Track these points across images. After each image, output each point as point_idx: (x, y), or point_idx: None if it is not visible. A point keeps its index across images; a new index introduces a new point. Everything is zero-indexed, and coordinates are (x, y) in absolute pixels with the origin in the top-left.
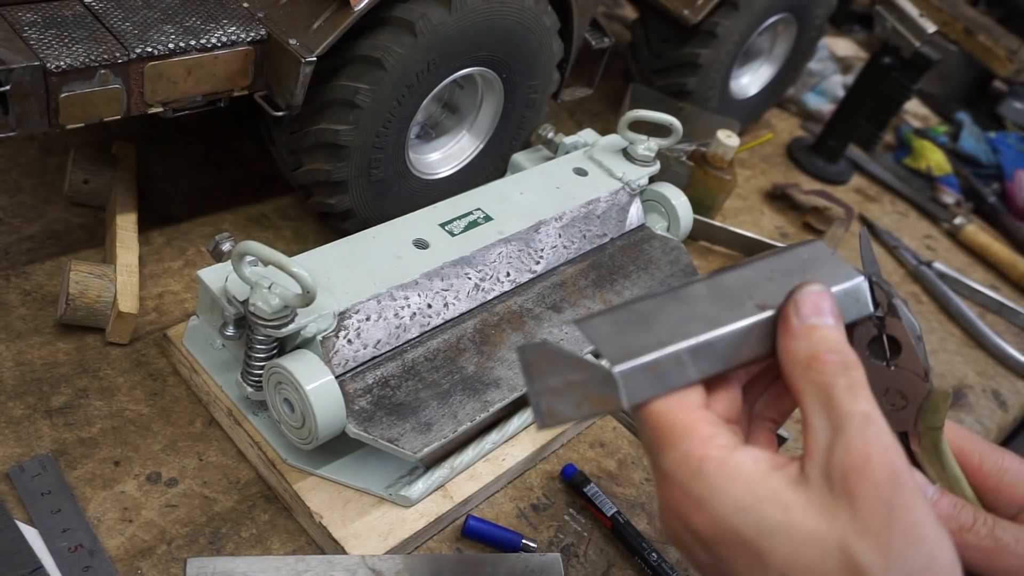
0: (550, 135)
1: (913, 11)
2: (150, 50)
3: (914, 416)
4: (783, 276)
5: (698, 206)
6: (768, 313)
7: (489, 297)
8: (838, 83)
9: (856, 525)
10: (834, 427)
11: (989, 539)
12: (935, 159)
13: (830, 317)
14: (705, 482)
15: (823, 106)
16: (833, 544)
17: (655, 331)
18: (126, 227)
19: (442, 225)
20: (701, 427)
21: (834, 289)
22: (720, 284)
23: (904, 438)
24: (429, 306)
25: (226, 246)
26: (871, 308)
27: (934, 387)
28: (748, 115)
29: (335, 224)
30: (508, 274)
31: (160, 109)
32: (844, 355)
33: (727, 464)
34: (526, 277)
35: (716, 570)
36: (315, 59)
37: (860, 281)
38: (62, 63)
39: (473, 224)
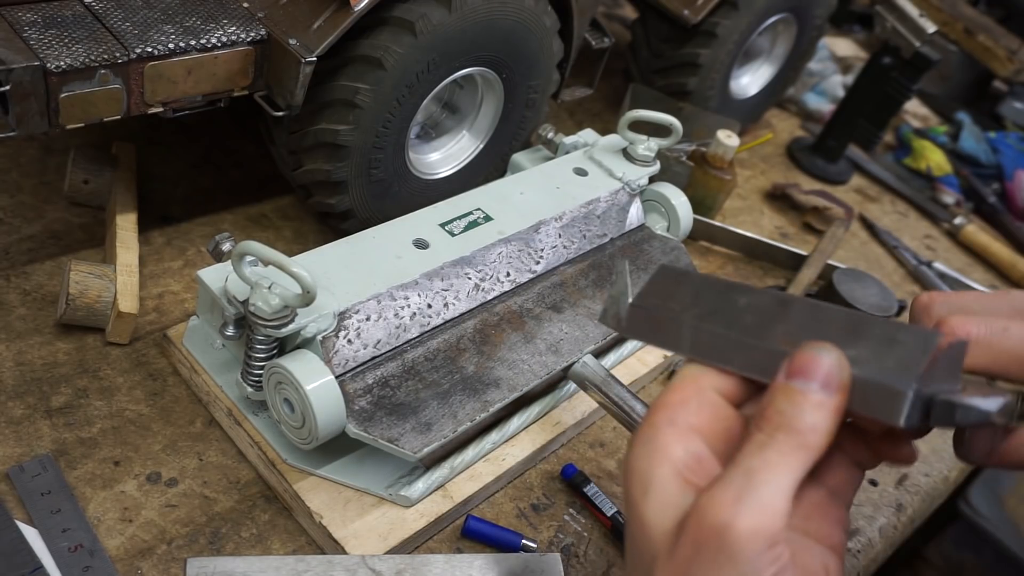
0: (550, 135)
1: (913, 11)
2: (150, 50)
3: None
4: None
5: (698, 206)
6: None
7: (489, 297)
8: (838, 83)
9: (670, 551)
10: (726, 467)
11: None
12: (935, 159)
13: (814, 383)
14: (650, 432)
15: (823, 106)
16: (650, 551)
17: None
18: (126, 227)
19: (442, 225)
20: (713, 376)
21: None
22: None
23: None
24: (429, 306)
25: (226, 246)
26: (900, 421)
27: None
28: (748, 115)
29: (335, 224)
30: (508, 274)
31: (160, 109)
32: (785, 417)
33: (673, 439)
34: (526, 277)
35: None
36: (315, 59)
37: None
38: (62, 63)
39: (473, 224)
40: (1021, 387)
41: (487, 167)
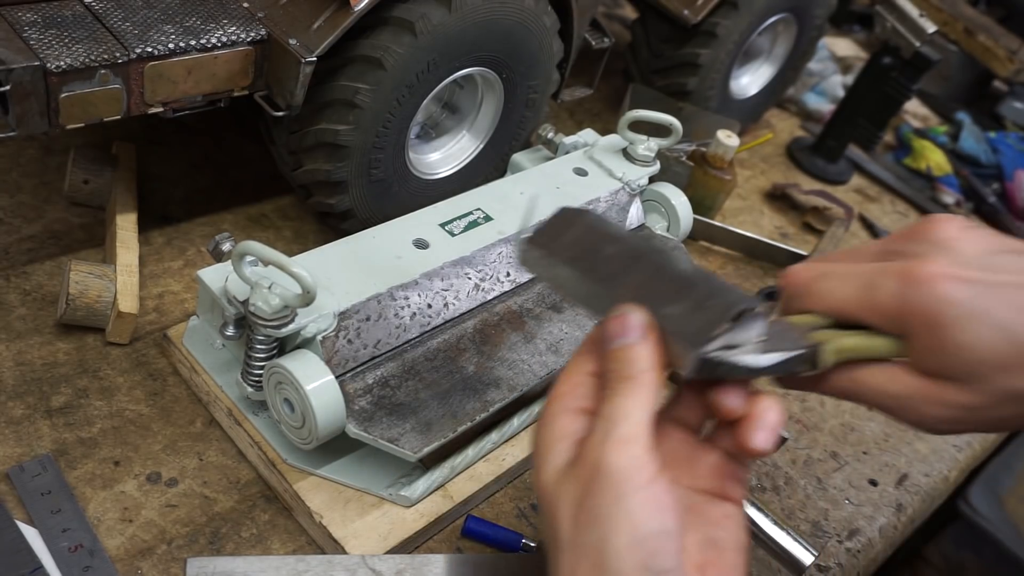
0: (550, 135)
1: (913, 11)
2: (150, 50)
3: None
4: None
5: (698, 206)
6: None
7: (489, 297)
8: (838, 83)
9: (565, 496)
10: (597, 424)
11: (855, 392)
12: (935, 159)
13: (629, 335)
14: (547, 423)
15: (823, 106)
16: (552, 503)
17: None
18: (126, 227)
19: (442, 225)
20: (589, 361)
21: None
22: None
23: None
24: (429, 306)
25: (226, 246)
26: (687, 373)
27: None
28: (748, 115)
29: (335, 224)
30: (508, 274)
31: (160, 109)
32: (617, 371)
33: (566, 423)
34: (526, 277)
35: None
36: (315, 59)
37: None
38: (62, 63)
39: (473, 224)
40: (835, 332)
41: (487, 167)
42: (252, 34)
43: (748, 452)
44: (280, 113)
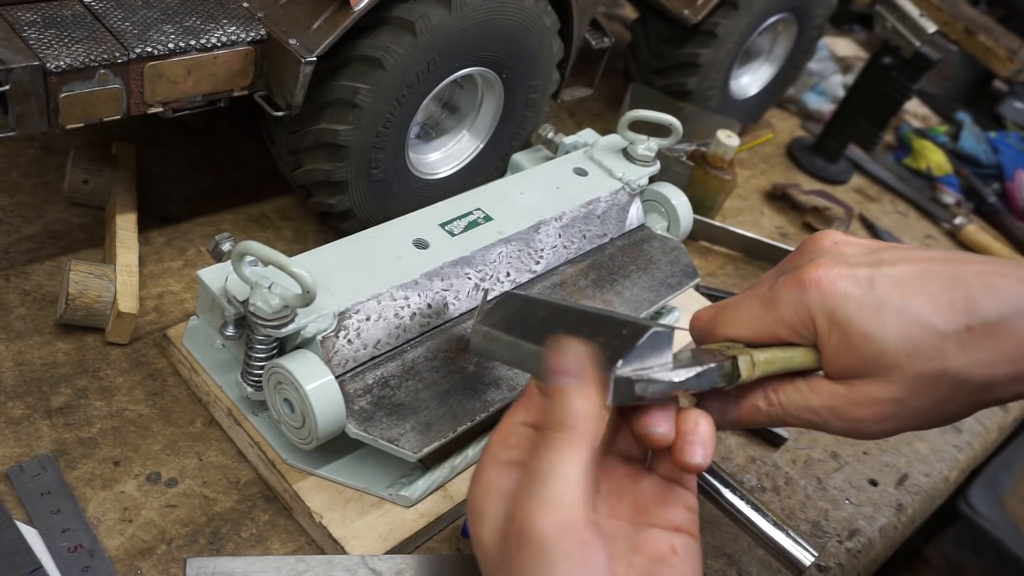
0: (550, 135)
1: (913, 11)
2: (150, 50)
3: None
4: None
5: (698, 206)
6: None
7: (489, 297)
8: (838, 83)
9: (501, 558)
10: (524, 478)
11: (782, 417)
12: (935, 159)
13: (567, 376)
14: (480, 474)
15: (823, 106)
16: (487, 564)
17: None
18: (126, 227)
19: (442, 225)
20: (522, 412)
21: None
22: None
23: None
24: (429, 306)
25: (226, 246)
26: (608, 400)
27: (736, 365)
28: (748, 115)
29: (335, 224)
30: (508, 274)
31: (160, 109)
32: (553, 415)
33: (497, 475)
34: (526, 277)
35: None
36: (315, 59)
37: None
38: (62, 63)
39: (473, 224)
40: (745, 351)
41: (487, 167)
42: (252, 34)
43: (688, 469)
44: (280, 113)
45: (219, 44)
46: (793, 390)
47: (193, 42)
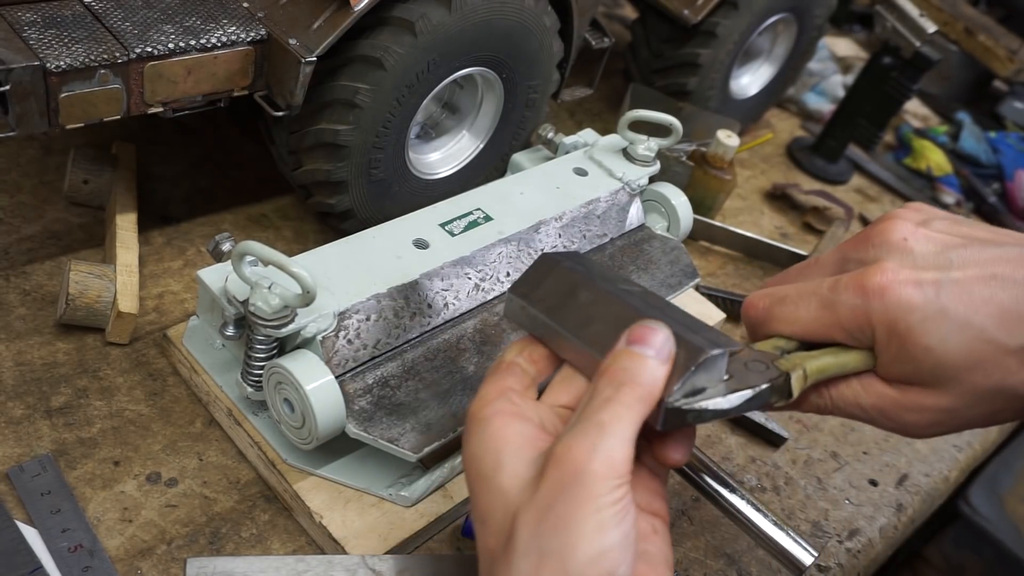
0: (550, 135)
1: (913, 11)
2: (150, 50)
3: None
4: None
5: (698, 206)
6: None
7: (489, 297)
8: (838, 83)
9: (531, 499)
10: (574, 422)
11: (833, 409)
12: (935, 159)
13: (651, 349)
14: (482, 425)
15: (823, 106)
16: (512, 507)
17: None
18: (126, 227)
19: (442, 225)
20: (491, 389)
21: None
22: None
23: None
24: (429, 306)
25: (226, 246)
26: (657, 425)
27: (790, 380)
28: (748, 115)
29: (335, 224)
30: (508, 274)
31: (160, 109)
32: (628, 374)
33: (505, 423)
34: None
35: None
36: (315, 59)
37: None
38: (62, 63)
39: (473, 224)
40: (797, 367)
41: (487, 167)
42: (252, 34)
43: (668, 464)
44: (280, 113)
45: (219, 44)
46: (846, 387)
47: (193, 42)
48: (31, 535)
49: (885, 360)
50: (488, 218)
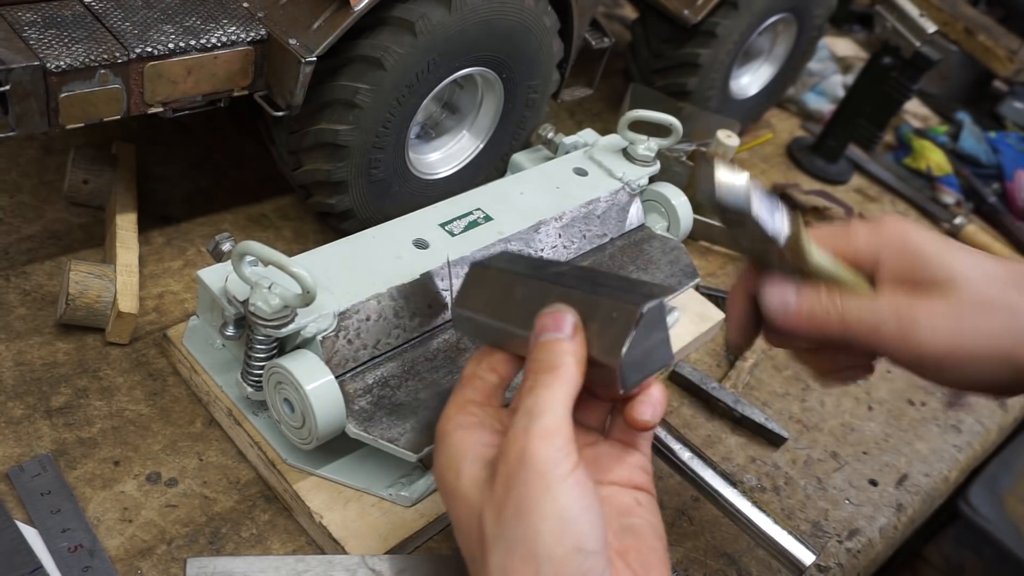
0: (550, 135)
1: (913, 11)
2: (150, 50)
3: (784, 249)
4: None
5: (698, 206)
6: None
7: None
8: (838, 83)
9: (489, 497)
10: (512, 420)
11: (839, 321)
12: (935, 159)
13: (560, 332)
14: (445, 441)
15: (823, 106)
16: (475, 509)
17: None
18: (126, 227)
19: (442, 225)
20: (452, 404)
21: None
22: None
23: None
24: (429, 306)
25: (226, 246)
26: (619, 390)
27: (788, 218)
28: (748, 115)
29: (335, 224)
30: None
31: (160, 109)
32: (545, 362)
33: (463, 436)
34: None
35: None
36: (315, 59)
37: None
38: (62, 63)
39: (473, 224)
40: None
41: (487, 167)
42: (252, 34)
43: (637, 426)
44: (280, 113)
45: (219, 44)
46: (856, 296)
47: (193, 42)
48: (31, 535)
49: (893, 273)
50: (488, 218)
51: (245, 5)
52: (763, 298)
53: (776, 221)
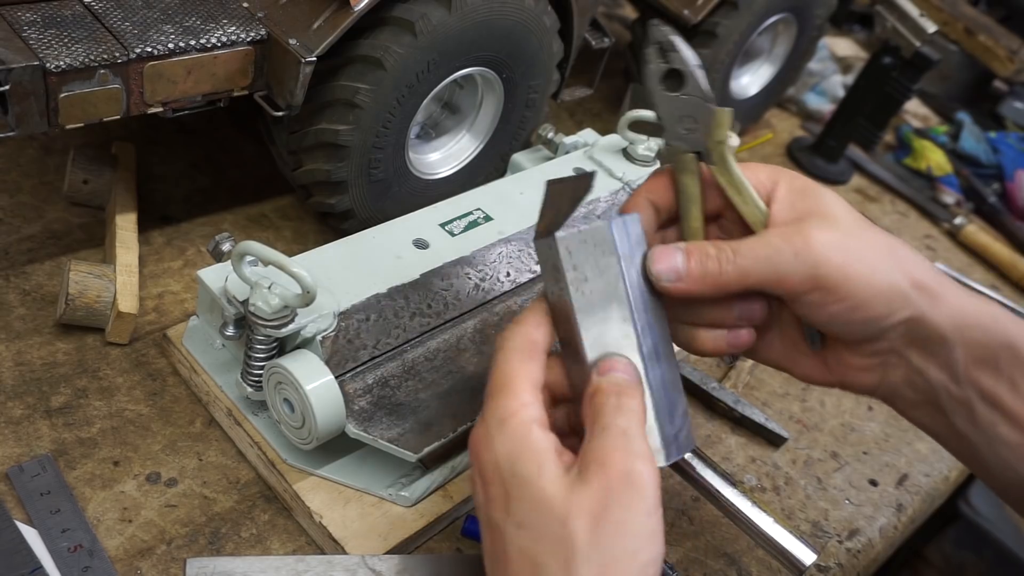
0: (550, 135)
1: (913, 11)
2: (150, 50)
3: (704, 136)
4: None
5: None
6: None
7: (489, 297)
8: (838, 83)
9: (581, 505)
10: (597, 433)
11: (735, 271)
12: (935, 159)
13: (624, 374)
14: (520, 429)
15: (823, 106)
16: (559, 513)
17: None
18: (126, 227)
19: (442, 225)
20: (524, 389)
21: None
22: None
23: (700, 158)
24: (429, 306)
25: (226, 246)
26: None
27: (716, 107)
28: (748, 115)
29: (335, 224)
30: (508, 274)
31: (160, 109)
32: (620, 385)
33: (524, 429)
34: (526, 277)
35: (484, 508)
36: (315, 59)
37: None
38: (62, 63)
39: (473, 224)
40: None
41: (487, 167)
42: (252, 34)
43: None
44: (280, 113)
45: (219, 44)
46: (744, 241)
47: (193, 42)
48: (31, 535)
49: (783, 202)
50: (488, 218)
51: (245, 5)
52: (650, 267)
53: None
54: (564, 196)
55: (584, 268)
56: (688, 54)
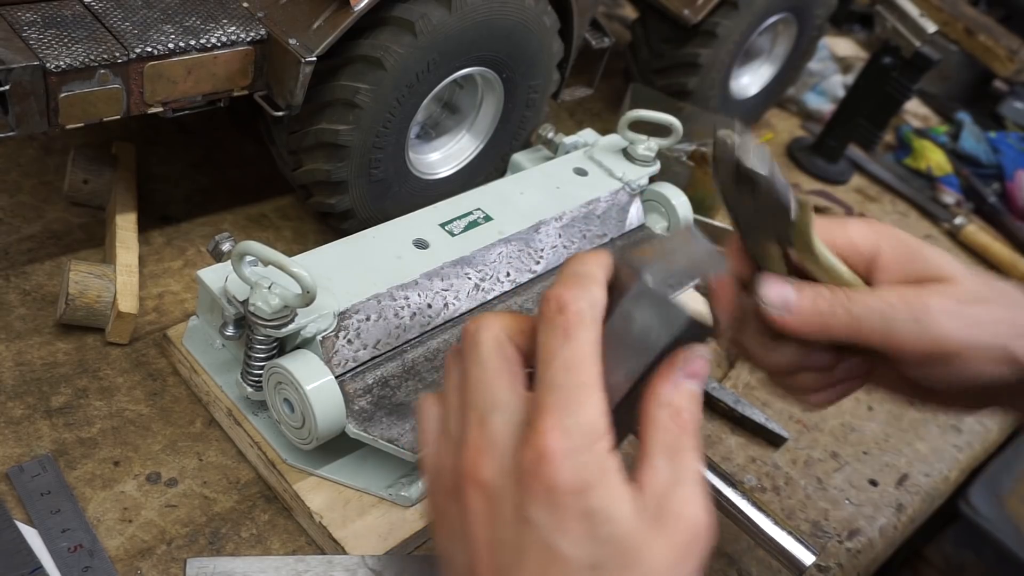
0: (550, 135)
1: (913, 11)
2: (150, 50)
3: (786, 228)
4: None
5: (698, 206)
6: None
7: (489, 297)
8: (838, 83)
9: (656, 539)
10: (677, 475)
11: (847, 317)
12: (935, 159)
13: (700, 384)
14: (588, 449)
15: (823, 106)
16: (635, 542)
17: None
18: (126, 227)
19: (442, 225)
20: (602, 400)
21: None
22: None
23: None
24: (429, 306)
25: (226, 246)
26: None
27: (796, 200)
28: (748, 115)
29: (335, 224)
30: (508, 274)
31: (160, 109)
32: (698, 420)
33: (611, 460)
34: (526, 277)
35: (542, 530)
36: (315, 59)
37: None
38: (62, 63)
39: (473, 224)
40: None
41: (487, 167)
42: (252, 34)
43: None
44: (280, 113)
45: (219, 44)
46: (859, 292)
47: (193, 42)
48: (31, 535)
49: (890, 265)
50: (488, 218)
51: (245, 5)
52: (761, 293)
53: (791, 199)
54: (683, 257)
55: (637, 317)
56: (763, 155)
